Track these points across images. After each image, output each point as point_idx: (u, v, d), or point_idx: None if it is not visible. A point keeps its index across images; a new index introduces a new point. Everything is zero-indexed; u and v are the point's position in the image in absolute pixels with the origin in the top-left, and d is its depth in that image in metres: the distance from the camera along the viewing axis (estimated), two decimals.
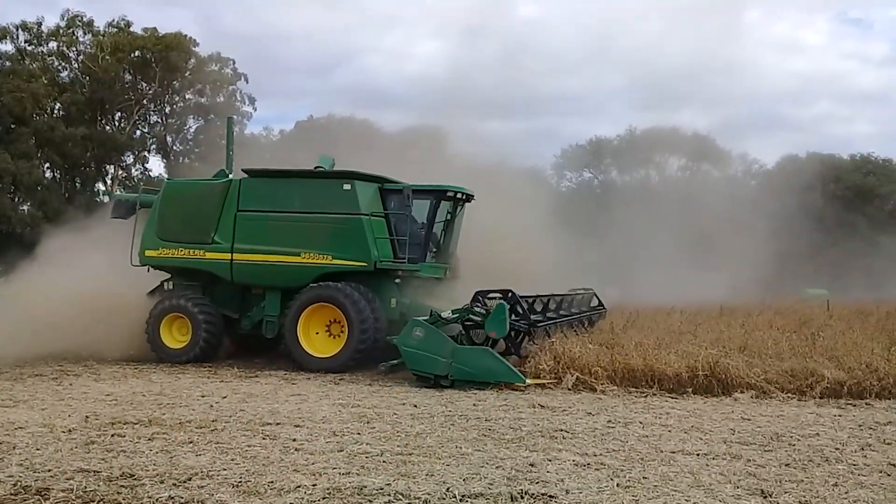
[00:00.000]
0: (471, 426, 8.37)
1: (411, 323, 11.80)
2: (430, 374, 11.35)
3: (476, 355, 11.51)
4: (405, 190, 13.68)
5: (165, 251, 14.44)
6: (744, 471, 6.67)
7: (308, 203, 13.91)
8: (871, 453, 7.45)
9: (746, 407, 9.86)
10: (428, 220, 14.38)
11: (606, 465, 6.75)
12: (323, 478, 6.23)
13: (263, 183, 14.42)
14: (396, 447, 7.31)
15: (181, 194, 14.96)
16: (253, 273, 14.05)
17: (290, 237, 13.80)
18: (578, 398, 10.27)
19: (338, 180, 13.91)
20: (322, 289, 13.44)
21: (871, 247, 55.25)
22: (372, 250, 13.51)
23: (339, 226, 13.64)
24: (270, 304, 14.16)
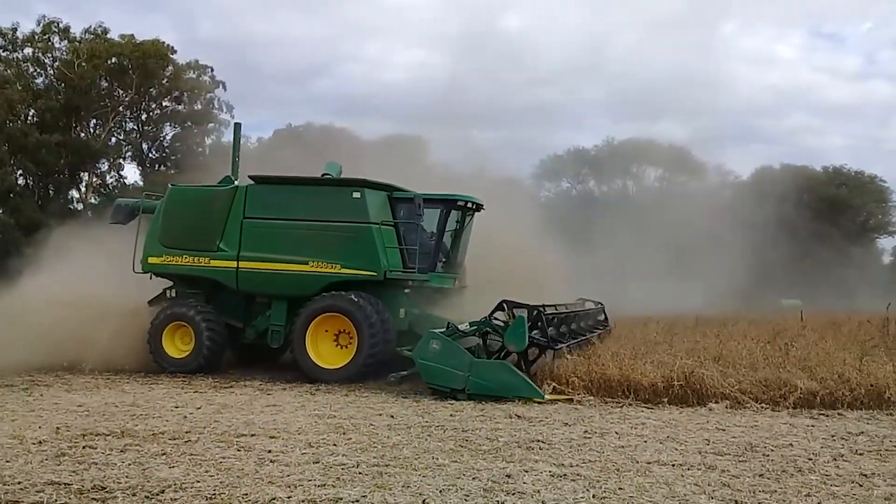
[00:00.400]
0: (448, 437, 8.36)
1: (428, 335, 11.58)
2: (446, 387, 11.19)
3: (494, 369, 11.33)
4: (416, 199, 13.56)
5: (169, 258, 14.22)
6: (718, 481, 6.71)
7: (316, 211, 13.73)
8: (844, 463, 7.52)
9: (721, 417, 9.93)
10: (438, 230, 14.26)
11: (583, 476, 6.76)
12: (298, 490, 6.19)
13: (270, 190, 14.21)
14: (373, 459, 7.28)
15: (186, 200, 14.66)
16: (259, 281, 13.84)
17: (298, 245, 13.61)
18: (555, 409, 10.28)
19: (347, 188, 13.73)
20: (331, 298, 13.26)
21: (844, 258, 56.11)
22: (381, 260, 13.34)
23: (348, 234, 13.46)
24: (276, 313, 13.98)
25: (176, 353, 13.87)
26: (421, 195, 13.69)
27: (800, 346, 13.63)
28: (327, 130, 38.03)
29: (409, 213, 13.90)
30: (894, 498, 6.33)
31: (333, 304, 13.20)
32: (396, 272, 13.51)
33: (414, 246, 13.69)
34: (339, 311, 13.16)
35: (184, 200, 14.64)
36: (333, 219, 13.59)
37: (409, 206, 13.90)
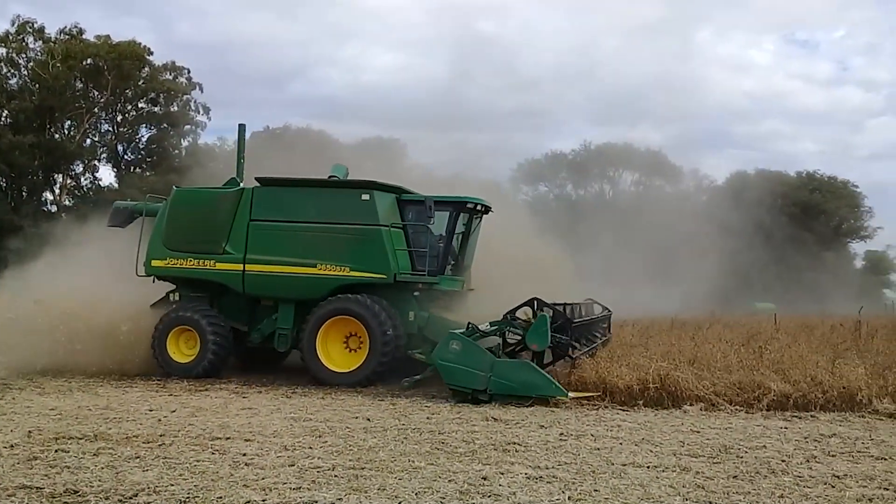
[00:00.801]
0: (424, 440, 8.35)
1: (448, 336, 11.45)
2: (467, 388, 11.08)
3: (516, 369, 11.23)
4: (427, 201, 13.37)
5: (173, 261, 13.96)
6: (693, 483, 6.75)
7: (324, 213, 13.56)
8: (816, 465, 7.60)
9: (696, 419, 10.00)
10: (447, 232, 14.02)
11: (558, 478, 6.78)
12: (273, 493, 6.15)
13: (277, 192, 13.99)
14: (348, 461, 7.26)
15: (191, 202, 14.39)
16: (266, 284, 13.65)
17: (306, 248, 13.44)
18: (531, 411, 10.31)
19: (356, 190, 13.59)
20: (342, 301, 13.12)
21: (817, 262, 56.81)
22: (391, 262, 13.22)
23: (357, 237, 13.32)
24: (283, 316, 13.78)
25: (181, 358, 13.62)
26: (433, 197, 13.52)
27: (773, 349, 13.77)
28: (305, 133, 37.87)
29: (417, 216, 13.75)
30: (866, 499, 6.40)
31: (345, 308, 13.07)
32: (406, 275, 13.36)
33: (423, 248, 13.57)
34: (350, 314, 13.01)
35: (189, 202, 14.37)
36: (342, 221, 13.43)
37: (417, 209, 13.75)
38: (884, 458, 7.97)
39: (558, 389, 10.91)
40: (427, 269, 13.46)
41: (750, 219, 52.41)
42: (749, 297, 48.36)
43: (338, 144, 33.88)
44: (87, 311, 13.82)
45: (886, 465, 7.62)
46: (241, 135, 15.59)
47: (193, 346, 13.62)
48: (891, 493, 6.58)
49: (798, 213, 60.48)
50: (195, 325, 13.57)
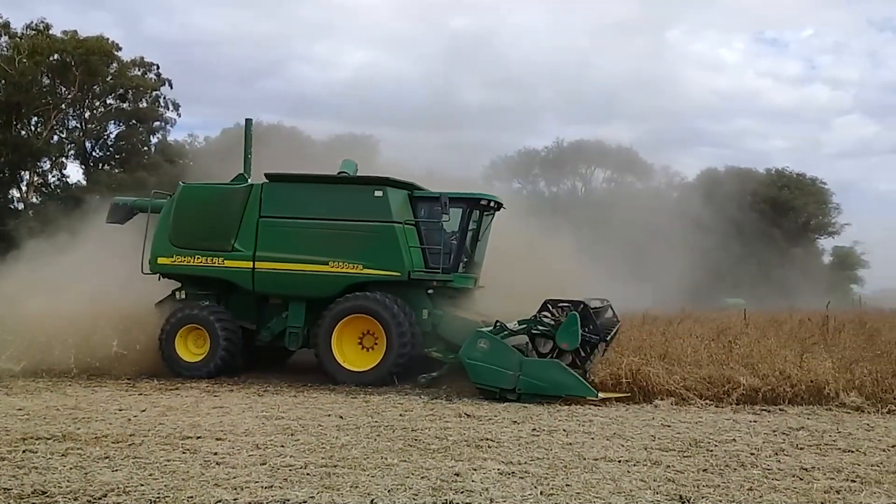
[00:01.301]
0: (397, 437, 8.34)
1: (475, 334, 11.38)
2: (495, 387, 11.00)
3: (545, 368, 11.15)
4: (442, 197, 13.21)
5: (180, 259, 13.73)
6: (663, 477, 6.82)
7: (336, 210, 13.39)
8: (785, 458, 7.70)
9: (666, 414, 10.09)
10: (461, 229, 13.89)
11: (530, 474, 6.81)
12: (245, 492, 6.11)
13: (287, 188, 13.82)
14: (321, 459, 7.23)
15: (199, 199, 14.14)
16: (276, 282, 13.46)
17: (317, 245, 13.27)
18: (504, 407, 10.34)
19: (369, 186, 13.42)
20: (358, 299, 12.97)
21: (786, 258, 57.48)
22: (406, 259, 13.07)
23: (370, 234, 13.16)
24: (294, 314, 13.59)
25: (189, 357, 13.41)
26: (447, 194, 13.38)
27: (743, 344, 13.90)
28: (276, 129, 37.56)
29: (429, 212, 13.66)
30: (833, 491, 6.49)
31: (361, 306, 12.92)
32: (420, 272, 13.24)
33: (437, 245, 13.47)
34: (367, 312, 12.88)
35: (196, 199, 14.13)
36: (354, 218, 13.29)
37: (429, 205, 13.69)
38: (851, 450, 8.09)
39: (588, 389, 10.85)
40: (441, 267, 13.37)
41: (720, 215, 52.94)
42: (719, 293, 48.80)
43: (310, 141, 33.71)
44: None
45: (853, 458, 7.75)
46: (249, 129, 15.25)
47: (202, 345, 13.42)
48: (857, 485, 6.68)
49: (768, 210, 61.10)
50: (205, 323, 13.36)
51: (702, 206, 52.32)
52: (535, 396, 10.77)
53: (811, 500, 6.21)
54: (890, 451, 8.08)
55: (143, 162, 44.38)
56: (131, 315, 13.90)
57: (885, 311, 26.89)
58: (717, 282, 50.56)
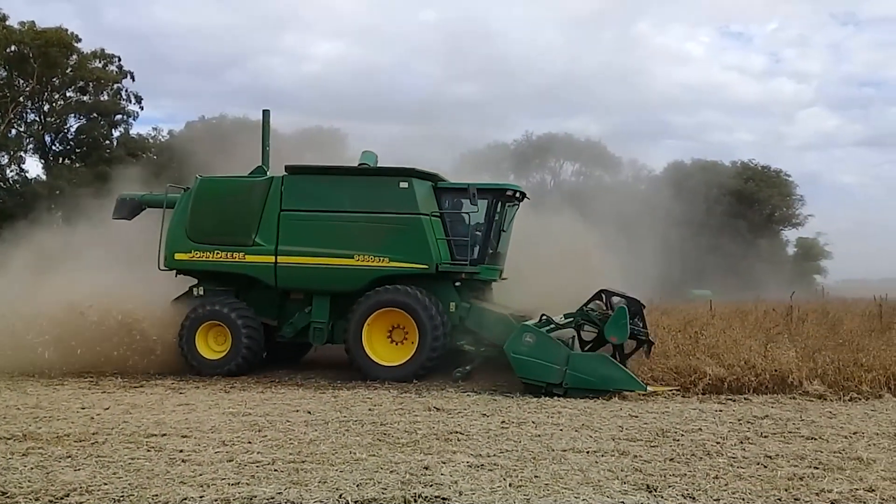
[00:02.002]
0: (366, 431, 8.30)
1: (521, 328, 11.25)
2: (541, 382, 10.85)
3: (593, 362, 11.08)
4: (470, 189, 12.98)
5: (198, 254, 13.37)
6: (631, 466, 6.87)
7: (360, 202, 13.11)
8: (750, 446, 7.80)
9: (634, 404, 10.17)
10: (487, 220, 13.58)
11: (499, 466, 6.82)
12: (211, 489, 6.04)
13: (309, 181, 13.51)
14: (289, 455, 7.17)
15: (217, 192, 13.70)
16: (300, 277, 13.16)
17: (342, 238, 12.99)
18: (473, 400, 10.35)
19: (394, 178, 13.15)
20: (390, 293, 12.74)
21: (751, 249, 58.27)
22: (433, 252, 12.87)
23: (396, 226, 12.92)
24: (318, 309, 13.31)
25: (210, 354, 13.11)
26: (475, 185, 13.17)
27: (709, 335, 14.04)
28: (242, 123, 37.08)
29: (453, 203, 13.51)
30: (797, 478, 6.59)
31: (393, 299, 12.69)
32: (447, 265, 13.03)
33: (465, 237, 13.26)
34: (399, 306, 12.65)
35: (215, 192, 13.69)
36: (380, 210, 13.04)
37: (453, 196, 13.51)
38: (814, 437, 8.23)
39: (637, 383, 10.79)
40: (469, 259, 13.18)
41: (687, 207, 53.45)
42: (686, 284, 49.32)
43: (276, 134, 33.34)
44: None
45: (816, 445, 7.87)
46: (266, 121, 14.81)
47: (223, 342, 13.14)
48: (820, 472, 6.79)
49: (733, 202, 61.87)
50: (226, 320, 13.05)
51: (669, 198, 52.80)
52: (583, 391, 10.65)
53: (775, 488, 6.29)
54: (852, 438, 8.22)
55: (105, 156, 43.64)
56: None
57: (847, 301, 27.34)
58: (684, 273, 51.06)
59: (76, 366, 12.91)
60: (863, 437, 8.30)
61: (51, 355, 12.80)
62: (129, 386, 11.79)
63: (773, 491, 6.21)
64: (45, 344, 12.87)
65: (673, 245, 48.33)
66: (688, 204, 53.72)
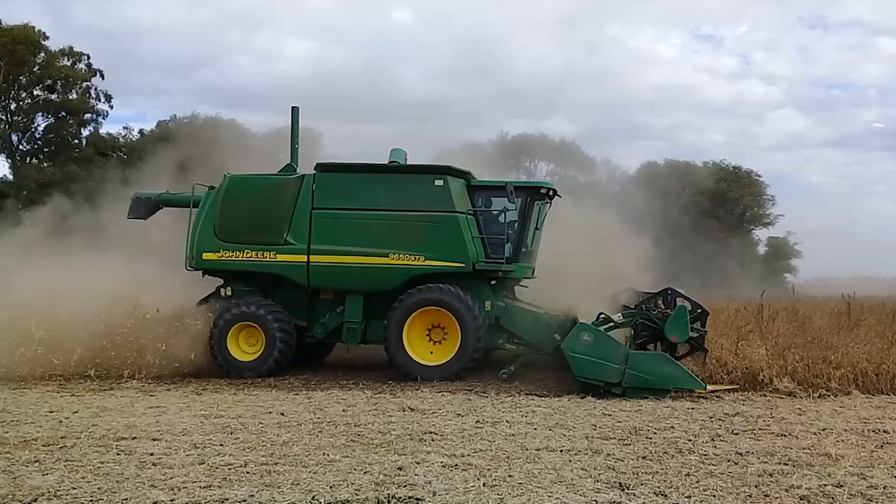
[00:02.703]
0: (339, 432, 8.25)
1: (578, 327, 11.14)
2: (599, 381, 10.75)
3: (653, 361, 11.02)
4: (508, 186, 12.88)
5: (227, 254, 13.08)
6: (604, 465, 6.90)
7: (395, 200, 12.97)
8: (721, 443, 7.88)
9: (607, 403, 10.21)
10: (522, 218, 13.44)
11: (474, 466, 6.82)
12: (182, 492, 5.98)
13: (341, 178, 13.27)
14: (261, 457, 7.12)
15: (247, 190, 13.42)
16: (333, 276, 12.94)
17: (376, 237, 12.82)
18: (447, 400, 10.34)
19: (429, 175, 13.03)
20: (432, 291, 12.58)
21: (723, 248, 58.87)
22: (470, 250, 12.77)
23: (432, 224, 12.78)
24: (352, 309, 13.12)
25: (242, 356, 12.86)
26: (512, 183, 13.15)
27: None
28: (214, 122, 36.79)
29: (485, 201, 13.39)
30: (766, 474, 6.67)
31: (435, 298, 12.54)
32: (484, 263, 12.90)
33: (499, 235, 13.11)
34: (441, 304, 12.52)
35: (245, 191, 13.41)
36: (415, 208, 12.90)
37: (485, 194, 13.41)
38: (783, 434, 8.32)
39: (696, 382, 10.77)
40: (505, 257, 13.02)
41: (660, 207, 53.87)
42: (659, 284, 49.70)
43: (250, 134, 33.12)
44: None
45: (786, 441, 7.97)
46: (295, 118, 14.45)
47: (255, 344, 12.91)
48: (789, 468, 6.87)
49: (705, 202, 62.47)
50: (260, 320, 12.80)
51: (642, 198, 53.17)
52: (642, 390, 10.61)
53: (745, 484, 6.36)
54: (820, 435, 8.33)
55: (74, 155, 43.03)
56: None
57: (816, 299, 27.68)
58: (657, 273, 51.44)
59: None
60: (831, 433, 8.42)
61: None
62: (99, 389, 11.59)
63: (743, 487, 6.28)
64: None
65: (645, 245, 48.86)
66: (660, 204, 54.18)
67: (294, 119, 14.27)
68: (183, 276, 13.67)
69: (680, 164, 65.14)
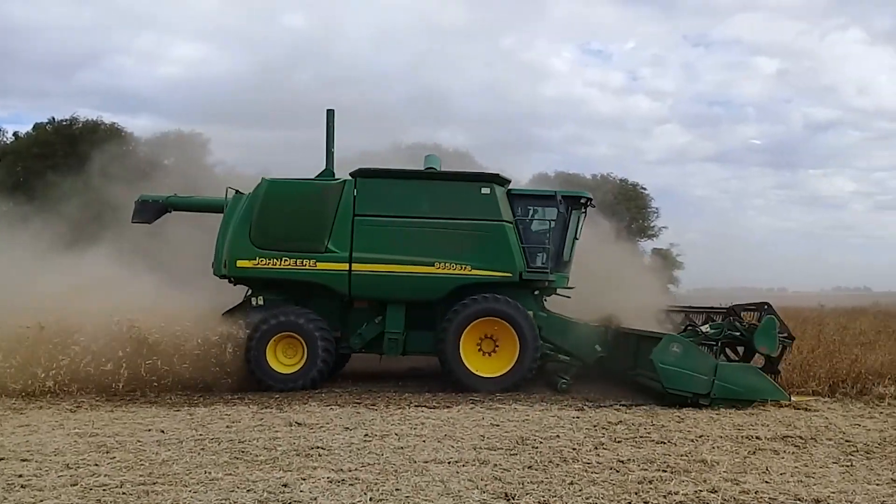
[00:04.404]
0: (222, 449, 8.01)
1: (667, 339, 11.22)
2: (688, 392, 10.88)
3: (742, 372, 11.16)
4: (558, 196, 13.04)
5: (264, 261, 12.60)
6: (490, 475, 6.97)
7: (440, 208, 12.77)
8: (604, 451, 8.09)
9: (496, 413, 10.34)
10: (561, 228, 13.36)
11: (361, 480, 6.75)
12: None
13: (384, 184, 12.96)
14: (139, 477, 6.83)
15: (287, 196, 12.96)
16: (376, 285, 12.65)
17: (421, 245, 12.62)
18: (336, 414, 10.19)
19: (475, 183, 12.90)
20: (489, 302, 12.48)
21: None
22: (517, 260, 12.69)
23: (479, 233, 12.70)
24: (393, 319, 12.85)
25: (281, 368, 12.36)
26: (560, 192, 13.21)
27: None
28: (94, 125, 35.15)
29: (524, 209, 13.27)
30: (647, 481, 6.89)
31: (493, 308, 12.47)
32: (531, 273, 12.85)
33: (540, 245, 13.03)
34: (499, 315, 12.44)
35: (284, 196, 12.95)
36: (461, 216, 12.76)
37: (524, 202, 13.28)
38: (663, 441, 8.63)
39: (782, 393, 11.04)
40: (550, 266, 13.00)
41: None
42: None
43: (132, 138, 31.83)
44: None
45: (665, 448, 8.27)
46: (331, 121, 13.93)
47: (293, 355, 12.48)
48: (668, 475, 7.13)
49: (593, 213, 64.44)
50: (302, 331, 12.40)
51: None
52: (729, 401, 10.79)
53: (626, 491, 6.55)
54: (697, 441, 8.68)
55: None
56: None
57: None
58: None
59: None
60: (707, 440, 8.78)
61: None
62: None
63: (623, 495, 6.46)
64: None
65: None
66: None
67: (329, 122, 13.93)
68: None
69: (570, 176, 66.87)
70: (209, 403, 11.10)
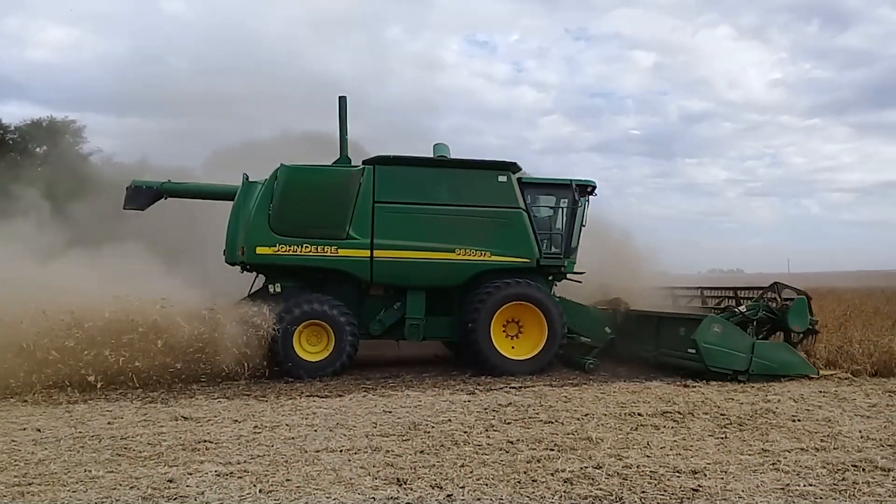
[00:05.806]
0: (103, 447, 7.69)
1: (708, 319, 12.00)
2: (728, 369, 11.71)
3: (776, 349, 12.15)
4: (572, 184, 13.36)
5: (284, 248, 12.42)
6: (383, 462, 6.99)
7: (459, 195, 12.98)
8: (494, 433, 8.25)
9: (389, 400, 10.36)
10: (570, 215, 13.66)
11: (250, 472, 6.63)
12: None
13: (403, 171, 12.96)
14: (13, 478, 6.48)
15: (308, 182, 12.74)
16: (397, 272, 12.74)
17: (442, 232, 12.81)
18: (224, 406, 9.96)
19: (492, 171, 13.15)
20: (520, 286, 12.88)
21: None
22: (534, 246, 13.07)
23: (498, 220, 13.01)
24: (414, 305, 13.03)
25: (308, 356, 12.26)
26: (575, 181, 13.47)
27: None
28: None
29: (533, 197, 13.47)
30: (535, 460, 7.08)
31: (523, 293, 12.86)
32: (547, 259, 13.30)
33: (558, 231, 13.51)
34: (529, 300, 12.86)
35: (305, 182, 12.72)
36: (481, 203, 13.02)
37: (534, 190, 13.49)
38: (551, 421, 8.88)
39: (811, 368, 12.07)
40: (563, 252, 13.46)
41: None
42: None
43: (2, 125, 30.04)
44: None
45: (552, 428, 8.51)
46: (343, 108, 13.63)
47: (317, 343, 12.47)
48: (555, 453, 7.35)
49: None
50: (329, 319, 12.39)
51: None
52: (766, 377, 11.69)
53: (515, 471, 6.70)
54: (584, 420, 8.97)
55: None
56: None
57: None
58: None
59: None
60: (593, 418, 9.09)
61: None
62: None
63: (513, 474, 6.61)
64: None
65: None
66: None
67: (342, 109, 13.69)
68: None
69: None
70: (89, 399, 10.58)
